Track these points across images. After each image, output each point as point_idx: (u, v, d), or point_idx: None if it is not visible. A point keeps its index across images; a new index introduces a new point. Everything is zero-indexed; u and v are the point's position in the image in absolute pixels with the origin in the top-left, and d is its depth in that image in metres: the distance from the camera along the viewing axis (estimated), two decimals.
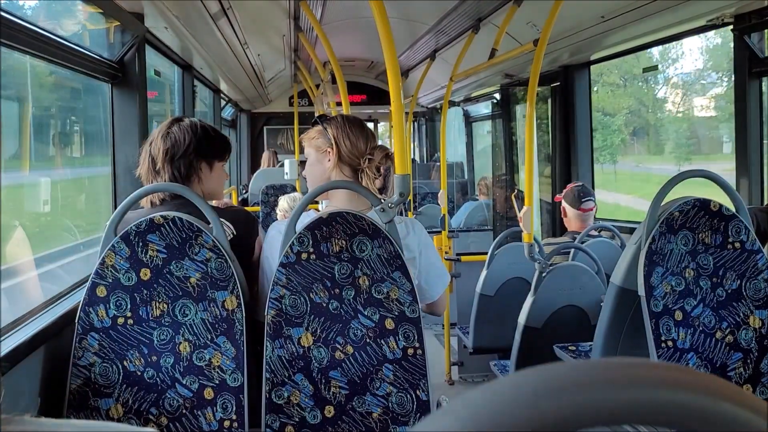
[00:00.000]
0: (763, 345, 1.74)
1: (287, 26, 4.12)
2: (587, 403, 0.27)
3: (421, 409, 1.61)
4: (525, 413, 0.27)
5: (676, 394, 0.28)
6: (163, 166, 1.85)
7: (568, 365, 0.29)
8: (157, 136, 1.90)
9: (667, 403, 0.28)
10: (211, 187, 1.93)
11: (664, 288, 1.73)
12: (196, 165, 1.88)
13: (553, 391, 0.28)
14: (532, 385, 0.28)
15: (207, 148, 1.90)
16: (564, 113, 4.37)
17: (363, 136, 1.82)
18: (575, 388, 0.28)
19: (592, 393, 0.28)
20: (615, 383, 0.28)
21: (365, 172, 1.81)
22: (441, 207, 4.38)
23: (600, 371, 0.29)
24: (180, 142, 1.86)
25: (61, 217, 2.90)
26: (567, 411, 0.27)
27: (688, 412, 0.28)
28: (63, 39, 2.11)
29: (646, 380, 0.27)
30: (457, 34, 4.17)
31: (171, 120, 1.94)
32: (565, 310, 2.84)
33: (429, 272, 1.83)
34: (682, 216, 1.76)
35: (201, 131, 1.90)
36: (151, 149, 1.89)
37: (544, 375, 0.29)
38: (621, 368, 0.29)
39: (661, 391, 0.28)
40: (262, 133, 8.69)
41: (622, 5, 2.85)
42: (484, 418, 0.27)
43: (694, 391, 0.27)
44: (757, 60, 2.77)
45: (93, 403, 1.56)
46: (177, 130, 1.89)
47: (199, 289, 1.62)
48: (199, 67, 4.39)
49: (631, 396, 0.27)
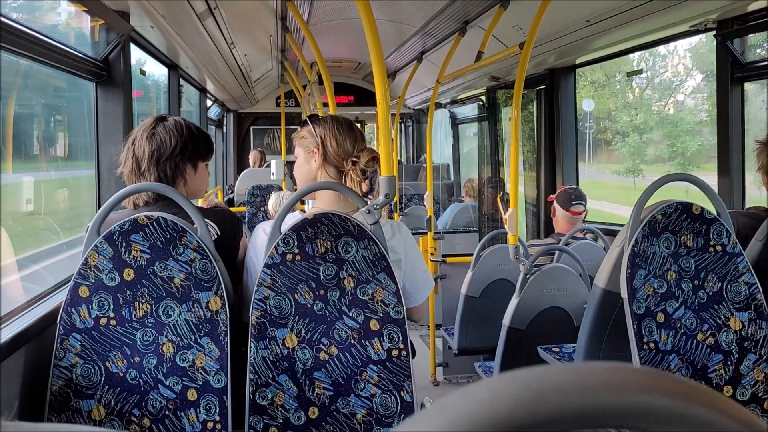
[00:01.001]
0: (744, 347, 1.76)
1: (274, 26, 4.11)
2: (566, 406, 0.28)
3: (406, 411, 1.61)
4: (503, 416, 0.27)
5: (653, 399, 0.28)
6: (148, 167, 1.83)
7: (547, 369, 0.30)
8: (141, 135, 1.86)
9: (645, 407, 0.28)
10: (195, 187, 1.92)
11: (647, 290, 1.75)
12: (181, 167, 1.86)
13: (533, 395, 0.28)
14: (513, 388, 0.28)
15: (192, 150, 1.88)
16: (550, 116, 4.40)
17: (351, 137, 1.82)
18: (555, 392, 0.28)
19: (572, 396, 0.28)
20: (592, 388, 0.28)
21: (349, 174, 1.80)
22: (427, 208, 4.39)
23: (580, 375, 0.29)
24: (166, 144, 1.84)
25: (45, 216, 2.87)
26: (546, 413, 0.27)
27: (663, 416, 0.28)
28: (47, 37, 2.09)
29: (621, 385, 0.28)
30: (444, 37, 4.19)
31: (155, 119, 1.90)
32: (550, 312, 2.85)
33: (415, 276, 1.83)
34: (665, 219, 1.78)
35: (186, 132, 1.88)
36: (135, 149, 1.85)
37: (524, 378, 0.29)
38: (598, 372, 0.29)
39: (638, 396, 0.28)
40: (248, 133, 8.66)
41: (606, 10, 2.88)
42: (462, 420, 0.27)
43: (668, 395, 0.28)
44: (739, 65, 2.81)
45: (74, 405, 1.55)
46: (162, 130, 1.86)
47: (183, 290, 1.61)
48: (185, 67, 4.36)
49: (606, 400, 0.27)
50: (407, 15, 4.24)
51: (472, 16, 3.60)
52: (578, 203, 3.39)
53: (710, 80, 5.36)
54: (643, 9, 2.71)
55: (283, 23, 3.99)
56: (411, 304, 1.84)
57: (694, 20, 2.83)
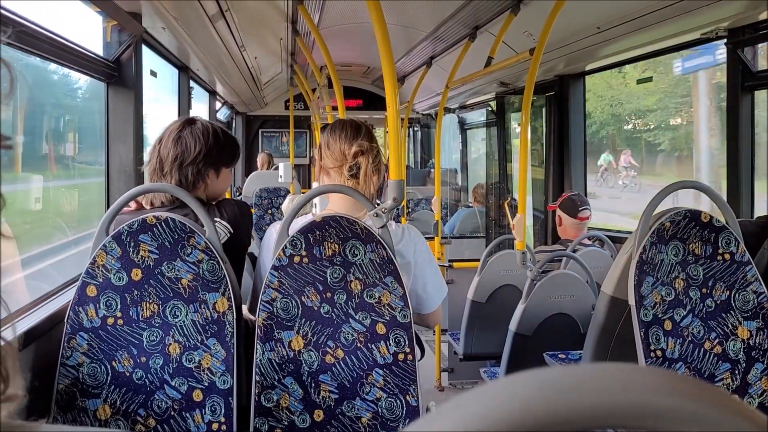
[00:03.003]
0: (751, 356, 1.75)
1: (285, 30, 4.12)
2: (581, 405, 0.27)
3: (411, 415, 1.61)
4: (516, 416, 0.27)
5: (668, 399, 0.28)
6: (170, 170, 1.84)
7: (561, 369, 0.30)
8: (168, 137, 1.87)
9: (661, 407, 0.28)
10: (215, 191, 1.93)
11: (654, 298, 1.74)
12: (204, 172, 1.87)
13: (547, 394, 0.28)
14: (521, 387, 0.28)
15: (216, 157, 1.89)
16: (559, 123, 4.40)
17: (345, 138, 1.79)
18: (570, 392, 0.28)
19: (580, 396, 0.28)
20: (600, 387, 0.28)
21: (342, 174, 1.79)
22: (434, 213, 4.38)
23: (585, 375, 0.29)
24: (190, 149, 1.84)
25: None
26: (560, 413, 0.27)
27: (678, 416, 0.28)
28: (60, 37, 2.10)
29: (628, 385, 0.28)
30: (454, 42, 4.19)
31: (183, 121, 1.91)
32: (556, 318, 2.84)
33: (427, 281, 1.82)
34: (673, 226, 1.77)
35: (212, 139, 1.88)
36: (161, 150, 1.86)
37: (537, 378, 0.29)
38: (605, 372, 0.29)
39: (653, 397, 0.28)
40: (257, 136, 8.69)
41: (617, 17, 2.87)
42: (475, 420, 0.27)
43: (677, 395, 0.28)
44: (750, 74, 2.80)
45: (80, 404, 1.55)
46: (188, 135, 1.86)
47: (191, 291, 1.61)
48: (196, 69, 4.39)
49: (613, 400, 0.27)
50: (417, 20, 4.25)
51: (483, 22, 3.60)
52: (584, 208, 3.40)
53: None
54: (654, 16, 2.71)
55: (294, 26, 4.00)
56: (424, 311, 1.83)
57: (705, 28, 2.83)
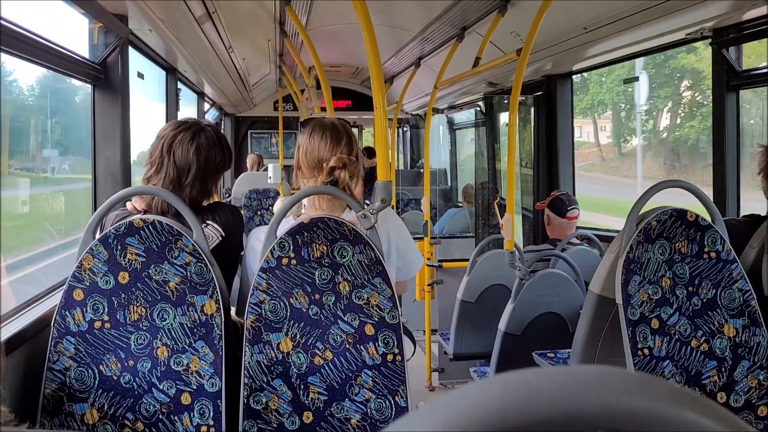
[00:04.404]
0: (737, 353, 1.77)
1: (273, 31, 4.11)
2: (555, 408, 0.28)
3: (400, 416, 1.61)
4: (493, 417, 0.27)
5: (640, 401, 0.28)
6: (193, 182, 1.76)
7: (537, 371, 0.30)
8: (180, 145, 1.75)
9: (633, 409, 0.28)
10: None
11: (641, 296, 1.76)
12: (217, 179, 1.87)
13: (522, 396, 0.28)
14: (502, 389, 0.29)
15: (228, 164, 1.89)
16: (547, 122, 4.42)
17: (324, 146, 1.76)
18: (544, 395, 0.28)
19: (560, 399, 0.28)
20: (581, 390, 0.28)
21: (317, 179, 1.77)
22: (424, 213, 4.39)
23: (567, 378, 0.29)
24: (213, 160, 1.79)
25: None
26: (535, 415, 0.27)
27: (650, 419, 0.28)
28: (45, 39, 2.09)
29: (601, 387, 0.28)
30: (442, 42, 4.20)
31: (194, 128, 1.80)
32: (545, 317, 2.86)
33: (407, 252, 1.89)
34: (660, 225, 1.79)
35: (226, 146, 1.85)
36: (176, 159, 1.75)
37: (513, 380, 0.29)
38: (588, 375, 0.29)
39: (625, 398, 0.28)
40: (246, 137, 8.66)
41: (604, 17, 2.89)
42: (453, 421, 0.27)
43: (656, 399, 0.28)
44: (734, 73, 2.82)
45: (68, 408, 1.54)
46: (206, 144, 1.78)
47: (178, 294, 1.60)
48: (183, 70, 4.37)
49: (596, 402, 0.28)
50: (405, 20, 4.25)
51: (470, 22, 3.61)
52: (573, 208, 3.42)
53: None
54: (640, 17, 2.73)
55: (282, 28, 3.99)
56: (400, 278, 1.89)
57: (690, 28, 2.85)
